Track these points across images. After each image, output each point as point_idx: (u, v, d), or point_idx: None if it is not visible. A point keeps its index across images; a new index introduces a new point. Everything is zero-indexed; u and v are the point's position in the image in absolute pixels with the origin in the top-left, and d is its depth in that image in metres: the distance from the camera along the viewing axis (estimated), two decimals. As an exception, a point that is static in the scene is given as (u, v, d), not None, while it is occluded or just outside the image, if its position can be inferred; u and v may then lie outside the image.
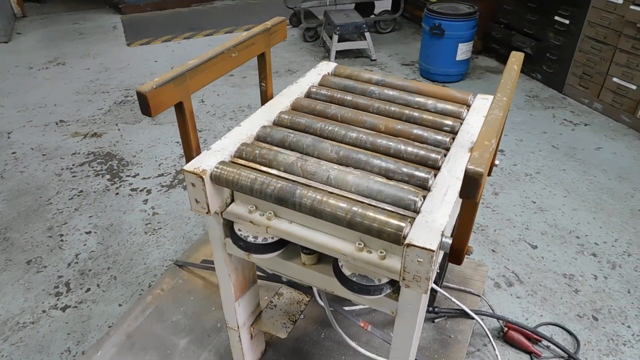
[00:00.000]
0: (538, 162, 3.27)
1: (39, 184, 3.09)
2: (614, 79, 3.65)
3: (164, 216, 2.81)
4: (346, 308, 1.89)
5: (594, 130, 3.65)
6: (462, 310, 1.99)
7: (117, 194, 2.99)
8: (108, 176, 3.15)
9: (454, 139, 1.36)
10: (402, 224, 1.03)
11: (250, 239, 1.25)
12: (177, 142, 3.51)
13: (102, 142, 3.53)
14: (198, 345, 1.88)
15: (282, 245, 1.27)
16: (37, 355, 2.05)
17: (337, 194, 1.12)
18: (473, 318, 2.00)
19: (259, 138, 1.35)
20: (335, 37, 4.60)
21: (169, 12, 6.24)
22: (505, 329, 2.08)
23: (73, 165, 3.27)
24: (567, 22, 3.91)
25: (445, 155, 1.28)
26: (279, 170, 1.22)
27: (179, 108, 1.17)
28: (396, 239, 1.03)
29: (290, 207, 1.13)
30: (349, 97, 1.53)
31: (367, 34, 4.67)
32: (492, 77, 4.47)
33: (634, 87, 3.51)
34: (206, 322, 1.97)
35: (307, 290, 1.80)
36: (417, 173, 1.19)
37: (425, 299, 1.20)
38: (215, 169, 1.19)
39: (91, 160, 3.32)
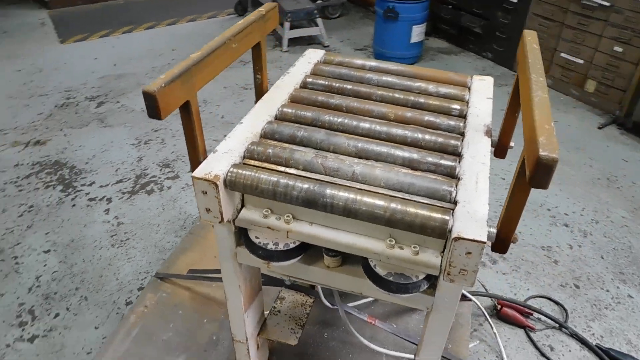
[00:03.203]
0: (501, 140, 3.35)
1: (-19, 201, 2.78)
2: (562, 55, 3.79)
3: (130, 225, 2.61)
4: (349, 304, 1.83)
5: (546, 105, 3.79)
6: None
7: (73, 205, 2.75)
8: (60, 187, 2.88)
9: (464, 123, 1.32)
10: (447, 217, 0.97)
11: (271, 247, 1.15)
12: (132, 144, 3.28)
13: (48, 150, 3.23)
14: (195, 362, 1.76)
15: (303, 249, 1.18)
16: (8, 394, 1.84)
17: (371, 191, 1.04)
18: (470, 299, 2.01)
19: (266, 135, 1.24)
20: (287, 25, 4.47)
21: (104, 4, 5.82)
22: (499, 306, 2.11)
23: (17, 178, 2.97)
24: (515, 0, 4.01)
25: (462, 141, 1.24)
26: (298, 169, 1.12)
27: (185, 108, 1.04)
28: (441, 233, 0.97)
29: (321, 209, 1.04)
30: (348, 86, 1.44)
31: (319, 20, 4.58)
32: (445, 57, 4.53)
33: (581, 62, 3.67)
34: (200, 337, 1.84)
35: (309, 291, 1.72)
36: (443, 162, 1.14)
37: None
38: (229, 174, 1.08)
39: (38, 171, 3.02)
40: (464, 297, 2.01)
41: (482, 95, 1.46)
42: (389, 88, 1.46)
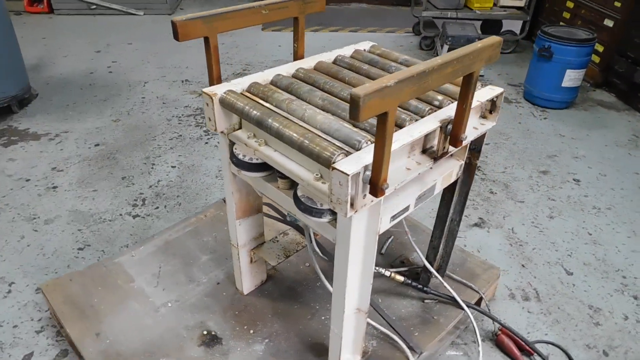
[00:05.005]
0: (614, 200, 3.06)
1: (152, 124, 3.73)
2: None
3: (235, 168, 3.22)
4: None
5: (699, 183, 3.29)
6: (454, 298, 2.05)
7: (206, 143, 3.50)
8: (205, 129, 3.68)
9: (436, 111, 1.50)
10: (336, 153, 1.23)
11: (241, 157, 1.54)
12: (270, 114, 3.94)
13: (211, 102, 4.10)
14: (215, 263, 2.22)
15: (265, 169, 1.54)
16: (104, 244, 2.57)
17: (299, 125, 1.35)
18: (462, 308, 2.05)
19: (272, 82, 1.63)
20: (445, 48, 4.69)
21: (307, 8, 6.82)
22: (499, 332, 2.09)
23: (182, 115, 3.87)
24: (695, 62, 3.55)
25: (417, 120, 1.43)
26: (272, 105, 1.48)
27: (207, 42, 1.50)
28: (327, 163, 1.23)
29: (264, 129, 1.39)
30: (364, 67, 1.73)
31: (478, 49, 4.67)
32: (602, 110, 4.20)
33: None
34: (229, 249, 2.29)
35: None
36: (378, 125, 1.37)
37: (362, 230, 1.37)
38: (223, 94, 1.50)
39: (197, 114, 3.89)
40: (458, 306, 2.06)
41: (477, 98, 1.59)
42: (398, 76, 1.70)
